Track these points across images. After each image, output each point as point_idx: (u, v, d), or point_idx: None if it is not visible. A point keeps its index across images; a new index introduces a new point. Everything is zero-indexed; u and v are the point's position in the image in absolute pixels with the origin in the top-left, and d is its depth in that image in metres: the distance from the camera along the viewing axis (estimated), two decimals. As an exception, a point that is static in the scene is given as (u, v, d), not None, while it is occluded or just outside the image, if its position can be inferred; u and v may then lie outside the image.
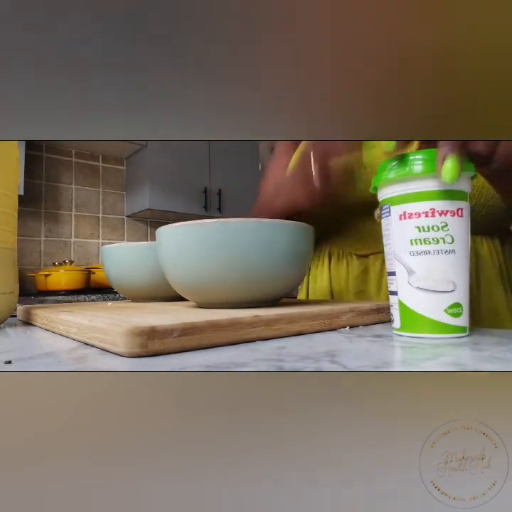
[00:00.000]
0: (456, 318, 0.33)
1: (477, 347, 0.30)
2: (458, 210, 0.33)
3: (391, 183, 0.35)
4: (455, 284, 0.33)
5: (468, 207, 0.34)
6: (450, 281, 0.33)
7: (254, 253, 0.39)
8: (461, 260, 0.33)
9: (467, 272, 0.34)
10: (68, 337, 0.37)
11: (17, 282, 0.47)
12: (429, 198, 0.33)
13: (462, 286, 0.34)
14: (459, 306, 0.33)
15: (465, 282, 0.34)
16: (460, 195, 0.33)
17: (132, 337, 0.27)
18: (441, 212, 0.33)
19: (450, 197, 0.33)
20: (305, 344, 0.32)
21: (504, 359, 0.26)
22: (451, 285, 0.33)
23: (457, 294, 0.33)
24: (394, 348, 0.31)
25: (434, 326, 0.33)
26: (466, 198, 0.34)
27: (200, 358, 0.27)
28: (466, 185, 0.34)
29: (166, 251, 0.43)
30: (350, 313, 0.41)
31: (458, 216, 0.33)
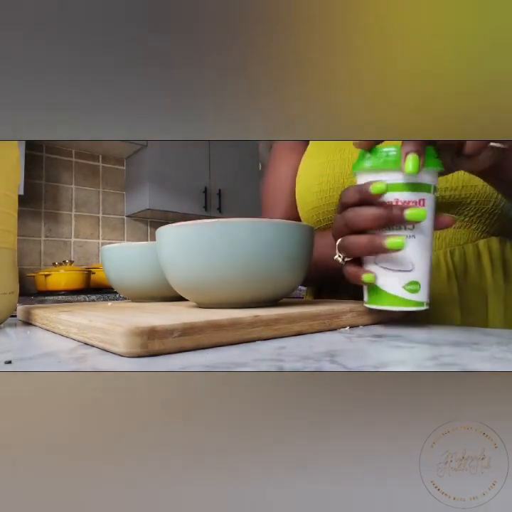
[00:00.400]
0: (414, 293, 0.38)
1: (477, 347, 0.30)
2: (420, 201, 0.37)
3: (365, 171, 0.39)
4: (413, 265, 0.38)
5: (432, 198, 0.38)
6: (409, 262, 0.38)
7: (255, 253, 0.39)
8: (420, 244, 0.38)
9: (426, 254, 0.38)
10: (68, 337, 0.37)
11: (17, 282, 0.47)
12: (394, 190, 0.37)
13: (420, 267, 0.38)
14: (417, 284, 0.38)
15: (423, 263, 0.38)
16: (423, 188, 0.37)
17: (132, 337, 0.27)
18: (403, 202, 0.37)
19: (413, 189, 0.37)
20: (305, 344, 0.32)
21: (504, 359, 0.26)
22: (409, 265, 0.38)
23: (415, 273, 0.38)
24: (394, 348, 0.31)
25: (394, 300, 0.38)
26: (430, 190, 0.38)
27: (200, 358, 0.27)
28: (431, 179, 0.38)
29: (166, 251, 0.43)
30: (350, 313, 0.41)
31: (420, 206, 0.37)
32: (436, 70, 0.28)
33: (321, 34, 0.28)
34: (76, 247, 2.61)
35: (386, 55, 0.28)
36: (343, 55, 0.28)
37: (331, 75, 0.28)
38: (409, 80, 0.28)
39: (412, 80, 0.28)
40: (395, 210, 0.36)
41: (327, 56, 0.28)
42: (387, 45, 0.28)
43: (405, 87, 0.28)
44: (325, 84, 0.28)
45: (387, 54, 0.28)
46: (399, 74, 0.28)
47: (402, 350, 0.30)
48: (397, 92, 0.28)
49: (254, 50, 0.28)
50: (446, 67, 0.28)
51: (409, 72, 0.28)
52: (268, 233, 0.40)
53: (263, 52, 0.28)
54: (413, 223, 0.37)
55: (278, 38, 0.27)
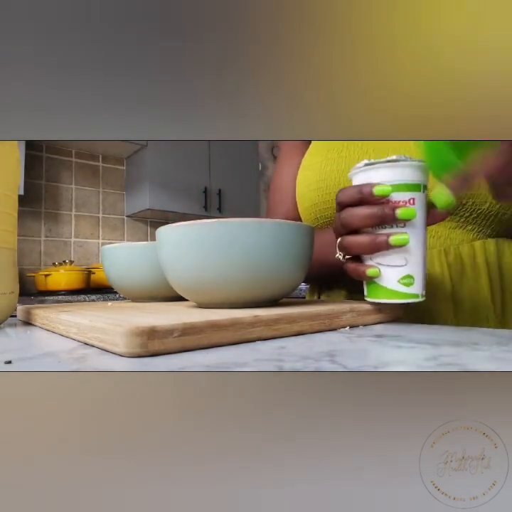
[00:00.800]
0: (409, 287, 0.40)
1: (477, 347, 0.30)
2: (410, 200, 0.39)
3: (361, 171, 0.41)
4: (406, 260, 0.40)
5: (422, 196, 0.40)
6: (402, 257, 0.40)
7: (254, 253, 0.39)
8: (412, 240, 0.40)
9: (419, 249, 0.40)
10: (68, 337, 0.37)
11: (17, 282, 0.47)
12: None
13: (413, 261, 0.40)
14: (411, 278, 0.40)
15: (416, 257, 0.40)
16: (413, 188, 0.39)
17: (132, 337, 0.27)
18: (394, 201, 0.39)
19: (403, 189, 0.39)
20: (305, 344, 0.32)
21: (504, 359, 0.26)
22: (403, 261, 0.40)
23: (408, 268, 0.40)
24: (394, 348, 0.31)
25: (390, 294, 0.41)
26: (419, 189, 0.40)
27: (200, 358, 0.27)
28: (420, 179, 0.40)
29: (166, 251, 0.43)
30: (350, 313, 0.41)
31: (410, 204, 0.39)
32: (437, 70, 0.28)
33: (322, 34, 0.28)
34: (76, 247, 2.61)
35: (386, 54, 0.28)
36: (343, 55, 0.28)
37: (331, 75, 0.28)
38: (409, 80, 0.28)
39: (412, 80, 0.28)
40: (387, 210, 0.39)
41: (327, 56, 0.28)
42: (387, 45, 0.28)
43: (405, 87, 0.28)
44: (325, 84, 0.28)
45: (387, 54, 0.28)
46: (399, 74, 0.28)
47: (402, 350, 0.30)
48: (397, 92, 0.28)
49: (254, 50, 0.28)
50: (445, 67, 0.28)
51: (409, 72, 0.28)
52: (268, 233, 0.40)
53: (263, 53, 0.28)
54: (404, 222, 0.39)
55: (279, 38, 0.27)
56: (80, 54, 0.27)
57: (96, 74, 0.27)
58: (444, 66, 0.28)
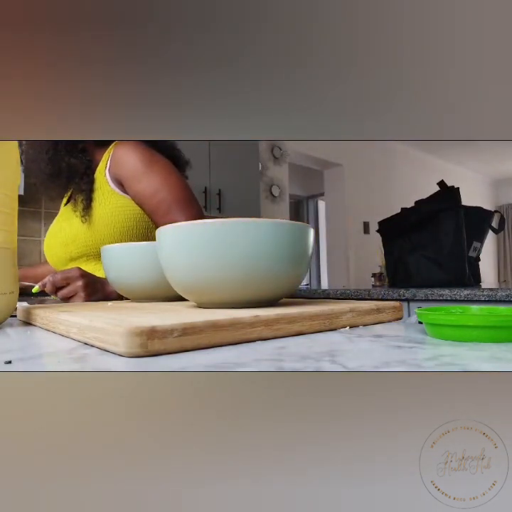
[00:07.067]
0: None
1: (477, 347, 0.30)
2: None
3: None
4: None
5: None
6: None
7: (254, 253, 0.39)
8: None
9: None
10: (68, 337, 0.37)
11: (17, 282, 0.47)
12: None
13: None
14: None
15: None
16: None
17: (132, 337, 0.27)
18: None
19: None
20: (305, 344, 0.32)
21: (504, 359, 0.26)
22: None
23: None
24: (394, 348, 0.31)
25: None
26: None
27: (200, 358, 0.27)
28: None
29: (166, 251, 0.43)
30: (350, 313, 0.41)
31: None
32: (436, 71, 0.28)
33: (323, 34, 0.28)
34: (76, 247, 2.61)
35: (386, 54, 0.28)
36: (343, 55, 0.28)
37: (332, 74, 0.28)
38: (409, 80, 0.28)
39: (412, 79, 0.28)
40: None
41: (327, 56, 0.28)
42: (387, 45, 0.28)
43: (405, 87, 0.28)
44: (325, 84, 0.28)
45: (387, 54, 0.28)
46: (399, 74, 0.28)
47: (402, 350, 0.30)
48: (397, 92, 0.28)
49: (254, 50, 0.28)
50: (446, 68, 0.28)
51: (409, 72, 0.28)
52: (268, 233, 0.40)
53: (264, 53, 0.28)
54: None
55: (279, 38, 0.27)
56: (79, 54, 0.27)
57: (96, 74, 0.27)
58: (445, 67, 0.28)
